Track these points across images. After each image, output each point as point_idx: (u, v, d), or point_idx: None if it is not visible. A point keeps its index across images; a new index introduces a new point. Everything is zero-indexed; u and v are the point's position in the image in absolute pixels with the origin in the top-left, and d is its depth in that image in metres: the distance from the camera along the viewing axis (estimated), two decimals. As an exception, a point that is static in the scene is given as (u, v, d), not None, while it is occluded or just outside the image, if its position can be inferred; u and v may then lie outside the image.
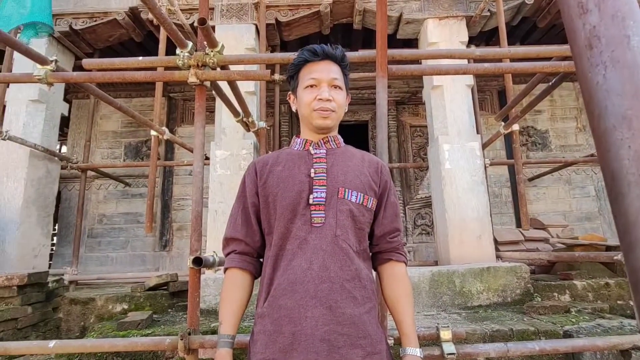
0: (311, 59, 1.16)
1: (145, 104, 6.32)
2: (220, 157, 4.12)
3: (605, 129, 0.38)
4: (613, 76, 0.38)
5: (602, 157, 0.39)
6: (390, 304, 1.16)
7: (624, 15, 0.39)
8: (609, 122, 0.38)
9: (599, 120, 0.39)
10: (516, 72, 2.29)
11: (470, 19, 4.46)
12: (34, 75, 2.32)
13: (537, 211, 5.81)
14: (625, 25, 0.39)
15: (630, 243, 0.36)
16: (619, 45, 0.38)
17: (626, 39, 0.38)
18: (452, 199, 4.01)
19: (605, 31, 0.39)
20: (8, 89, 4.26)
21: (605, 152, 0.38)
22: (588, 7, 0.41)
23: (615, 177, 0.37)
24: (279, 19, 4.57)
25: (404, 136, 6.30)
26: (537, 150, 6.16)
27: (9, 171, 4.17)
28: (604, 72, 0.39)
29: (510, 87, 3.79)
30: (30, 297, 3.14)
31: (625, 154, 0.37)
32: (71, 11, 4.57)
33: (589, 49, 0.40)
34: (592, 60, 0.40)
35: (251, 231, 1.16)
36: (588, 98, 0.41)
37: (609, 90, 0.38)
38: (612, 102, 0.38)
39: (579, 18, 0.41)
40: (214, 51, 2.28)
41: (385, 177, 1.21)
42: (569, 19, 0.42)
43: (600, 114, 0.39)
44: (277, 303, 1.03)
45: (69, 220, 5.81)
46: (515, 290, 3.29)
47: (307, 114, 1.15)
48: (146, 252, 5.86)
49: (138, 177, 6.04)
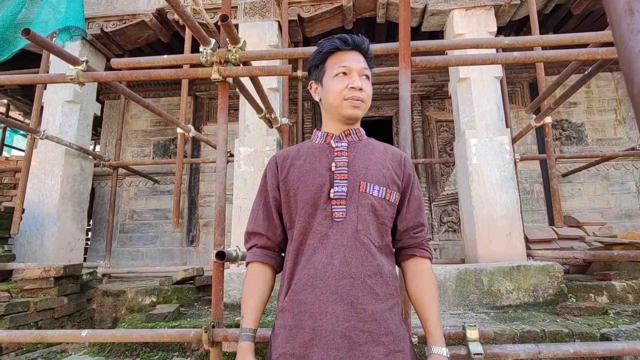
0: (342, 47, 1.14)
1: (172, 103, 6.48)
2: (244, 154, 4.16)
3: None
4: (657, 43, 0.34)
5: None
6: (415, 301, 1.13)
7: (670, -25, 0.35)
8: (652, 93, 0.34)
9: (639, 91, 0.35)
10: (548, 60, 2.17)
11: (499, 8, 4.29)
12: (67, 75, 2.42)
13: (572, 208, 5.55)
14: (673, -15, 0.34)
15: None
16: (663, 8, 0.34)
17: (672, 0, 0.34)
18: (480, 196, 3.88)
19: (648, -7, 0.35)
20: (45, 90, 4.48)
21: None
22: (628, -32, 0.36)
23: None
24: (301, 15, 4.56)
25: (429, 131, 6.16)
26: (571, 145, 5.87)
27: (47, 169, 4.38)
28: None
29: (542, 77, 3.62)
30: (66, 288, 3.29)
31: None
32: (102, 14, 4.73)
33: (629, 14, 0.36)
34: (632, 27, 0.36)
35: (272, 225, 1.16)
36: (627, 68, 0.36)
37: (652, 59, 0.34)
38: (656, 71, 0.34)
39: (617, -20, 0.37)
40: (236, 47, 2.29)
41: (408, 170, 1.17)
42: (606, -18, 0.38)
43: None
44: (298, 298, 1.02)
45: (103, 216, 6.06)
46: (548, 290, 3.15)
47: (336, 103, 1.12)
48: (174, 247, 6.03)
49: (166, 174, 6.21)
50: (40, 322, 3.00)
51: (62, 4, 3.38)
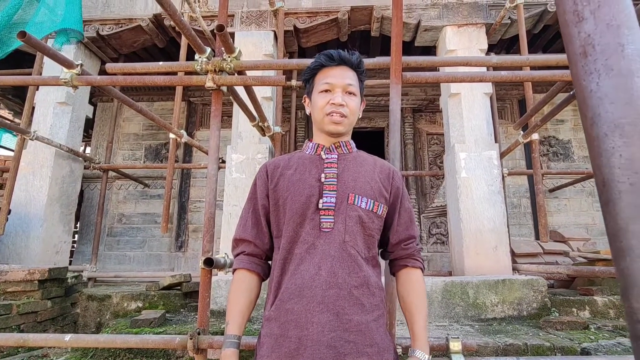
0: (327, 63, 1.17)
1: (166, 107, 6.48)
2: (236, 161, 4.18)
3: (597, 136, 0.38)
4: (606, 84, 0.38)
5: (594, 163, 0.39)
6: (405, 307, 1.16)
7: (619, 24, 0.39)
8: (602, 130, 0.38)
9: (592, 126, 0.39)
10: (534, 80, 2.25)
11: (490, 26, 4.41)
12: (60, 78, 2.43)
13: (558, 223, 5.65)
14: (620, 33, 0.38)
15: (620, 249, 0.36)
16: (613, 53, 0.38)
17: (620, 47, 0.38)
18: (468, 209, 3.94)
19: (600, 39, 0.39)
20: (37, 91, 4.45)
21: (597, 159, 0.38)
22: (584, 15, 0.41)
23: (607, 184, 0.37)
24: (297, 26, 4.63)
25: (420, 144, 6.25)
26: (558, 161, 6.00)
27: (35, 169, 4.34)
28: (598, 80, 0.39)
29: (530, 95, 3.72)
30: (50, 291, 3.24)
31: (617, 162, 0.36)
32: (99, 18, 4.75)
33: (583, 56, 0.40)
34: (586, 68, 0.40)
35: (261, 233, 1.17)
36: (582, 104, 0.41)
37: (602, 98, 0.38)
38: (605, 109, 0.38)
39: (574, 26, 0.41)
40: (231, 57, 2.33)
41: (397, 183, 1.20)
42: (565, 26, 0.43)
43: (593, 121, 0.39)
44: (285, 307, 1.03)
45: (90, 219, 5.99)
46: (532, 304, 3.20)
47: (319, 119, 1.16)
48: (162, 252, 5.98)
49: (157, 178, 6.19)
50: (22, 325, 2.95)
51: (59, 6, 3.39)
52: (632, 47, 0.38)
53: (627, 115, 0.36)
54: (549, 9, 4.37)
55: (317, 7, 4.59)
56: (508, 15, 4.29)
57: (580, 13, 0.41)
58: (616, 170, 0.36)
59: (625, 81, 0.37)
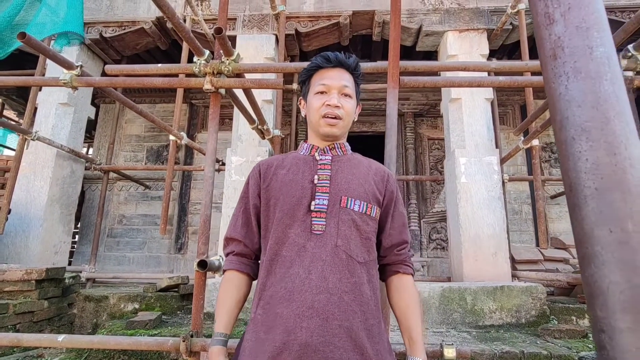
0: (324, 65, 1.16)
1: (168, 109, 6.51)
2: (236, 163, 4.19)
3: (565, 140, 0.38)
4: (574, 87, 0.37)
5: (563, 167, 0.38)
6: (399, 314, 1.14)
7: (588, 26, 0.38)
8: (569, 133, 0.37)
9: (560, 130, 0.38)
10: (533, 86, 2.24)
11: (491, 32, 4.41)
12: (60, 79, 2.44)
13: (559, 230, 5.60)
14: (589, 35, 0.38)
15: (586, 255, 0.35)
16: (581, 56, 0.38)
17: (589, 49, 0.37)
18: (467, 214, 3.92)
19: (569, 41, 0.39)
20: (40, 92, 4.49)
21: (565, 163, 0.37)
22: (554, 18, 0.40)
23: (573, 188, 0.36)
24: (298, 30, 4.65)
25: (421, 148, 6.23)
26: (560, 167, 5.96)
27: (37, 170, 4.36)
28: (566, 83, 0.38)
29: (531, 101, 3.71)
30: (47, 291, 3.25)
31: (583, 166, 0.36)
32: (102, 20, 4.78)
33: (553, 59, 0.40)
34: (555, 71, 0.39)
35: (251, 233, 1.16)
36: (552, 108, 0.40)
37: (570, 101, 0.38)
38: (573, 112, 0.37)
39: (545, 28, 0.41)
40: (229, 59, 2.34)
41: (391, 187, 1.19)
42: (537, 28, 0.42)
43: (561, 124, 0.38)
44: (274, 311, 1.01)
45: (91, 220, 6.01)
46: (530, 311, 3.17)
47: (315, 120, 1.15)
48: (162, 254, 5.98)
49: (158, 180, 6.20)
50: (18, 325, 2.95)
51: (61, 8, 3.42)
52: (601, 50, 0.37)
53: (593, 118, 0.36)
54: (551, 15, 4.36)
55: (318, 11, 4.61)
56: (510, 21, 4.29)
57: (551, 15, 0.40)
58: (582, 175, 0.35)
59: (593, 84, 0.37)
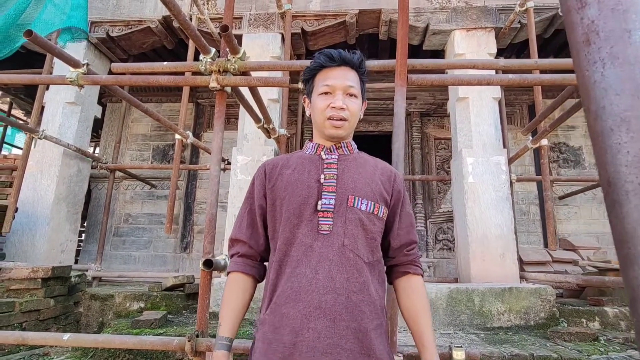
0: (327, 64, 1.13)
1: (174, 109, 6.52)
2: (242, 163, 4.17)
3: (602, 131, 0.35)
4: (612, 74, 0.35)
5: (599, 160, 0.35)
6: (408, 317, 1.11)
7: (625, 8, 0.35)
8: (607, 124, 0.34)
9: (595, 120, 0.35)
10: (543, 84, 2.20)
11: (499, 30, 4.36)
12: (67, 77, 2.44)
13: (567, 231, 5.53)
14: (627, 18, 0.35)
15: (628, 256, 0.32)
16: (619, 40, 0.35)
17: (627, 33, 0.35)
18: (475, 215, 3.87)
19: (604, 25, 0.36)
20: (47, 91, 4.51)
21: (602, 156, 0.35)
22: (587, 0, 0.37)
23: (612, 184, 0.33)
24: (304, 29, 4.63)
25: (427, 148, 6.18)
26: (569, 168, 5.89)
27: (43, 168, 4.38)
28: (602, 70, 0.35)
29: (540, 100, 3.66)
30: (54, 290, 3.25)
31: (623, 159, 0.33)
32: (109, 19, 4.80)
33: (586, 44, 0.37)
34: (589, 57, 0.36)
35: (256, 234, 1.15)
36: (585, 97, 0.37)
37: (606, 89, 0.35)
38: (610, 101, 0.34)
39: (577, 12, 0.38)
40: (235, 57, 2.32)
41: (398, 186, 1.17)
42: (567, 12, 0.39)
43: (597, 114, 0.35)
44: (280, 311, 1.00)
45: (97, 218, 6.04)
46: (539, 313, 3.12)
47: (320, 122, 1.13)
48: (167, 253, 5.99)
49: (164, 179, 6.22)
50: (24, 323, 2.96)
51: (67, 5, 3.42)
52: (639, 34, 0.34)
53: (633, 107, 0.33)
54: (560, 13, 4.29)
55: (325, 10, 4.58)
56: (518, 19, 4.23)
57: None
58: (622, 169, 0.33)
59: (632, 70, 0.34)
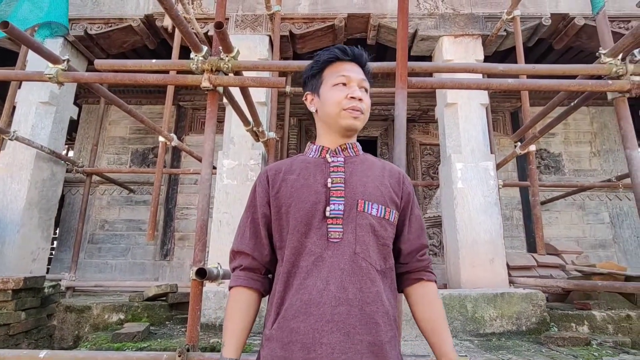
0: (342, 57, 1.09)
1: (154, 111, 6.30)
2: (228, 167, 4.04)
3: None
4: None
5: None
6: (425, 327, 1.05)
7: None
8: None
9: None
10: (541, 89, 2.21)
11: (486, 37, 4.42)
12: (45, 73, 2.28)
13: (550, 236, 5.64)
14: None
15: None
16: None
17: None
18: (464, 220, 3.88)
19: None
20: (19, 90, 4.25)
21: None
22: None
23: None
24: (293, 32, 4.56)
25: (413, 154, 6.21)
26: (549, 174, 6.03)
27: (14, 172, 4.11)
28: None
29: (527, 107, 3.71)
30: (25, 302, 3.02)
31: None
32: (88, 16, 4.59)
33: None
34: None
35: (260, 244, 1.06)
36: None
37: None
38: None
39: None
40: (229, 56, 2.23)
41: (408, 188, 1.12)
42: None
43: None
44: (289, 326, 0.92)
45: (71, 225, 5.73)
46: (531, 318, 3.13)
47: (334, 113, 1.07)
48: (146, 260, 5.74)
49: (143, 183, 5.98)
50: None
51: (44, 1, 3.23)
52: None
53: None
54: (544, 23, 4.41)
55: (313, 13, 4.54)
56: (504, 28, 4.31)
57: None
58: None
59: None
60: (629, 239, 5.73)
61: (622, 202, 5.85)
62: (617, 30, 4.27)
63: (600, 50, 2.28)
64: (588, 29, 4.41)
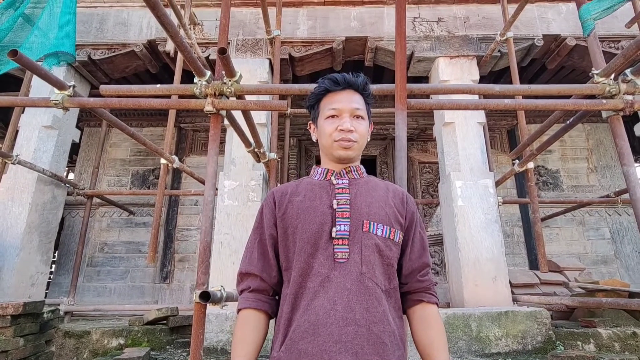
0: (332, 88, 1.12)
1: (155, 133, 6.37)
2: (229, 188, 4.06)
3: None
4: None
5: None
6: (423, 349, 1.04)
7: None
8: None
9: None
10: (537, 108, 2.26)
11: (480, 58, 4.53)
12: (51, 99, 2.33)
13: (551, 252, 5.62)
14: None
15: None
16: None
17: None
18: (466, 238, 3.87)
19: None
20: (23, 114, 4.31)
21: None
22: None
23: None
24: (292, 55, 4.67)
25: (412, 172, 6.25)
26: (548, 190, 6.07)
27: (15, 195, 4.12)
28: None
29: (524, 125, 3.77)
30: (24, 328, 2.98)
31: None
32: (91, 42, 4.70)
33: None
34: None
35: (268, 266, 1.07)
36: None
37: None
38: None
39: None
40: (231, 80, 2.28)
41: (411, 207, 1.14)
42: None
43: None
44: (297, 347, 0.92)
45: (70, 248, 5.69)
46: (536, 337, 3.09)
47: (328, 145, 1.11)
48: (145, 283, 5.68)
49: (143, 205, 5.98)
50: (-11, 367, 2.67)
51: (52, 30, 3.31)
52: None
53: None
54: (536, 43, 4.53)
55: (312, 37, 4.66)
56: (498, 49, 4.43)
57: None
58: None
59: None
60: (631, 254, 5.71)
61: (621, 217, 5.86)
62: (608, 50, 4.40)
63: (593, 70, 2.35)
64: (579, 48, 4.54)
